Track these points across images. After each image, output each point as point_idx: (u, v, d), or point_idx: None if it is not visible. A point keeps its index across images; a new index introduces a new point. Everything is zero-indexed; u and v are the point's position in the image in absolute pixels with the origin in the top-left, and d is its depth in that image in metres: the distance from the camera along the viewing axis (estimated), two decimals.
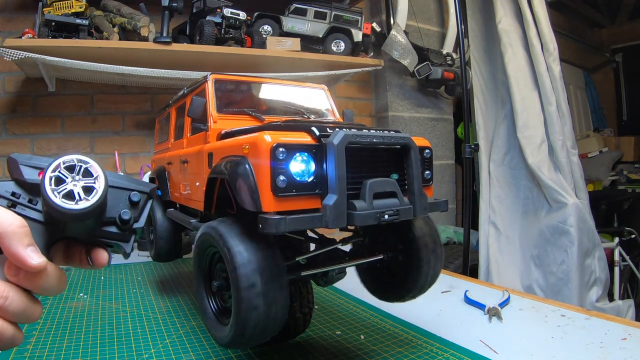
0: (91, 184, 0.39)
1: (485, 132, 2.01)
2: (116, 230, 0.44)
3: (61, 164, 0.39)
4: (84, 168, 0.40)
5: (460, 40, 1.95)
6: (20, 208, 0.40)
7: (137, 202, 0.45)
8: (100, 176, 0.40)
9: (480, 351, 0.82)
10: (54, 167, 0.39)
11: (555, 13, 3.14)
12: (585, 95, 3.96)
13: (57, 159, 0.39)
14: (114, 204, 0.44)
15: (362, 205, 0.63)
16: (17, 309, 0.37)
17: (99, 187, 0.39)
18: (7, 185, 0.40)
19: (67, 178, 0.39)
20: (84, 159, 0.40)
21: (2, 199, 0.40)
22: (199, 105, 0.87)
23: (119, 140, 1.98)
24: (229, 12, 1.73)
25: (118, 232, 0.44)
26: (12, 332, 0.37)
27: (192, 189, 0.94)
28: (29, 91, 1.86)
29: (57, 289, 0.40)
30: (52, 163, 0.39)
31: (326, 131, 0.65)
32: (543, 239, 1.80)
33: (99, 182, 0.40)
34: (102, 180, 0.40)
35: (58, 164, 0.39)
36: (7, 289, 0.36)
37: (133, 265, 1.53)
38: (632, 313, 1.93)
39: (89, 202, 0.39)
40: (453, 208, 2.72)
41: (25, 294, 0.38)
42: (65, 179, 0.39)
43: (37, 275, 0.37)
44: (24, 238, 0.36)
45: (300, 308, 0.84)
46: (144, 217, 0.46)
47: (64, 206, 0.38)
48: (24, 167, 0.41)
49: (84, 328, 0.94)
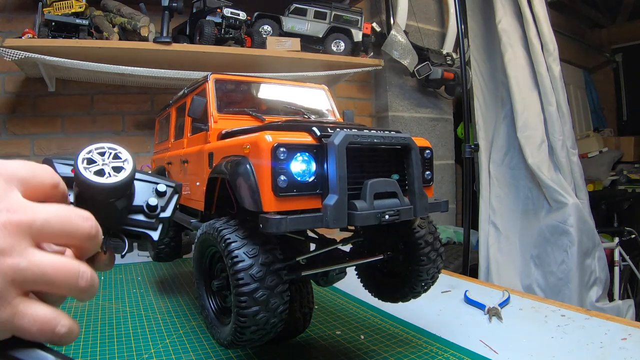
0: (120, 165, 0.43)
1: (485, 132, 2.01)
2: (144, 218, 0.46)
3: (93, 150, 0.43)
4: (114, 153, 0.43)
5: (460, 40, 1.95)
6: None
7: (164, 193, 0.47)
8: (129, 159, 0.43)
9: (480, 351, 0.82)
10: (87, 151, 0.42)
11: (555, 13, 3.14)
12: (585, 95, 3.96)
13: (89, 146, 0.43)
14: (142, 195, 0.46)
15: (363, 206, 0.63)
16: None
17: (127, 167, 0.43)
18: None
19: (99, 160, 0.42)
20: (114, 146, 0.44)
21: None
22: (200, 105, 0.87)
23: (119, 140, 1.93)
24: (229, 12, 1.73)
25: (146, 220, 0.46)
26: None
27: (193, 188, 0.94)
28: (29, 91, 1.85)
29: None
30: (85, 148, 0.43)
31: (327, 131, 0.65)
32: (543, 238, 1.80)
33: (127, 164, 0.43)
34: (130, 162, 0.43)
35: (90, 149, 0.43)
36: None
37: (133, 265, 1.53)
38: (632, 313, 1.93)
39: (117, 178, 0.42)
40: (453, 208, 2.72)
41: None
42: (96, 161, 0.42)
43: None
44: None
45: (300, 308, 0.84)
46: (170, 207, 0.48)
47: (95, 180, 0.40)
48: (58, 165, 0.44)
49: (84, 328, 0.94)
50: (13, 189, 0.34)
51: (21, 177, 0.36)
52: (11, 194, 0.34)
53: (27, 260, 0.32)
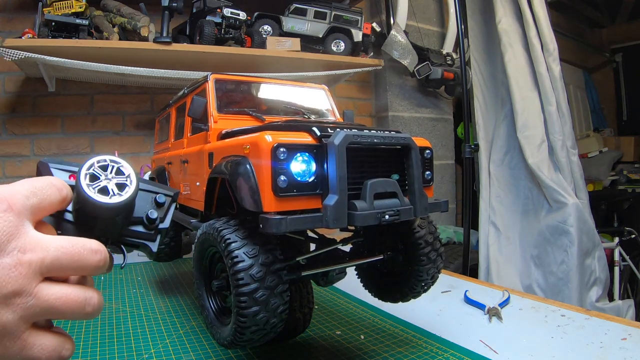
0: (123, 182, 0.42)
1: (485, 132, 2.01)
2: (143, 230, 0.46)
3: (95, 163, 0.42)
4: (117, 167, 0.42)
5: (460, 40, 1.96)
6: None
7: (163, 204, 0.47)
8: (131, 174, 0.43)
9: (480, 351, 0.82)
10: (89, 165, 0.42)
11: (555, 13, 3.14)
12: (585, 95, 3.96)
13: (90, 159, 0.42)
14: (141, 205, 0.46)
15: (363, 206, 0.63)
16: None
17: (130, 184, 0.42)
18: None
19: (101, 176, 0.42)
20: (116, 159, 0.43)
21: None
22: (200, 105, 0.87)
23: (119, 140, 1.98)
24: (229, 12, 1.73)
25: (145, 232, 0.46)
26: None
27: (193, 188, 0.94)
28: (29, 91, 1.85)
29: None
30: (86, 162, 0.42)
31: (327, 131, 0.65)
32: (543, 239, 1.80)
33: (130, 180, 0.43)
34: (133, 178, 0.43)
35: (92, 163, 0.42)
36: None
37: (133, 265, 1.53)
38: (632, 313, 1.93)
39: (122, 197, 0.41)
40: (453, 208, 2.72)
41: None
42: (99, 176, 0.41)
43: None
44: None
45: (300, 308, 0.84)
46: (169, 218, 0.48)
47: (100, 200, 0.40)
48: (55, 170, 0.43)
49: (84, 328, 0.94)
50: (24, 222, 0.35)
51: (31, 206, 0.36)
52: (22, 229, 0.34)
53: (35, 297, 0.34)
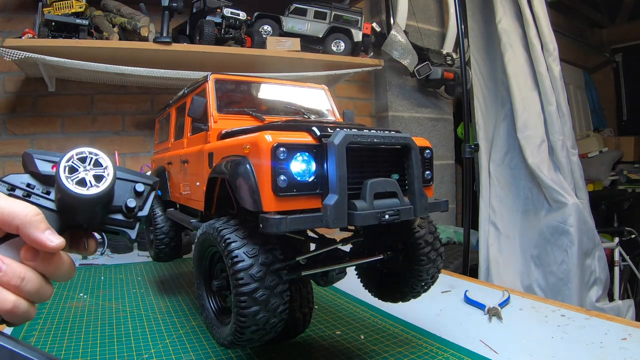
0: (101, 173, 0.44)
1: (485, 132, 2.01)
2: (122, 218, 0.48)
3: (74, 155, 0.44)
4: (95, 159, 0.44)
5: (460, 40, 1.95)
6: (35, 198, 0.44)
7: (142, 193, 0.49)
8: (109, 166, 0.45)
9: (480, 351, 0.82)
10: (68, 157, 0.43)
11: (555, 13, 3.14)
12: (585, 95, 3.96)
13: (70, 151, 0.44)
14: (120, 194, 0.48)
15: (363, 205, 0.63)
16: (32, 288, 0.41)
17: (107, 176, 0.44)
18: (22, 178, 0.45)
19: (80, 167, 0.43)
20: (95, 151, 0.45)
21: (18, 189, 0.44)
22: (200, 105, 0.87)
23: (119, 140, 1.98)
24: (229, 12, 1.73)
25: (124, 220, 0.48)
26: (27, 307, 0.41)
27: (193, 188, 0.94)
28: (29, 91, 1.86)
29: (68, 274, 0.44)
30: (66, 154, 0.43)
31: (327, 131, 0.65)
32: (543, 239, 1.79)
33: (108, 171, 0.44)
34: (110, 169, 0.44)
35: (71, 155, 0.43)
36: (24, 270, 0.40)
37: (133, 265, 1.53)
38: (632, 313, 1.93)
39: (99, 188, 0.43)
40: (453, 208, 2.72)
41: (39, 275, 0.42)
42: (78, 168, 0.43)
43: (53, 258, 0.42)
44: (40, 224, 0.40)
45: (300, 308, 0.84)
46: (147, 206, 0.50)
47: (77, 192, 0.42)
48: (38, 161, 0.45)
49: (84, 328, 0.94)
50: None
51: None
52: None
53: None
